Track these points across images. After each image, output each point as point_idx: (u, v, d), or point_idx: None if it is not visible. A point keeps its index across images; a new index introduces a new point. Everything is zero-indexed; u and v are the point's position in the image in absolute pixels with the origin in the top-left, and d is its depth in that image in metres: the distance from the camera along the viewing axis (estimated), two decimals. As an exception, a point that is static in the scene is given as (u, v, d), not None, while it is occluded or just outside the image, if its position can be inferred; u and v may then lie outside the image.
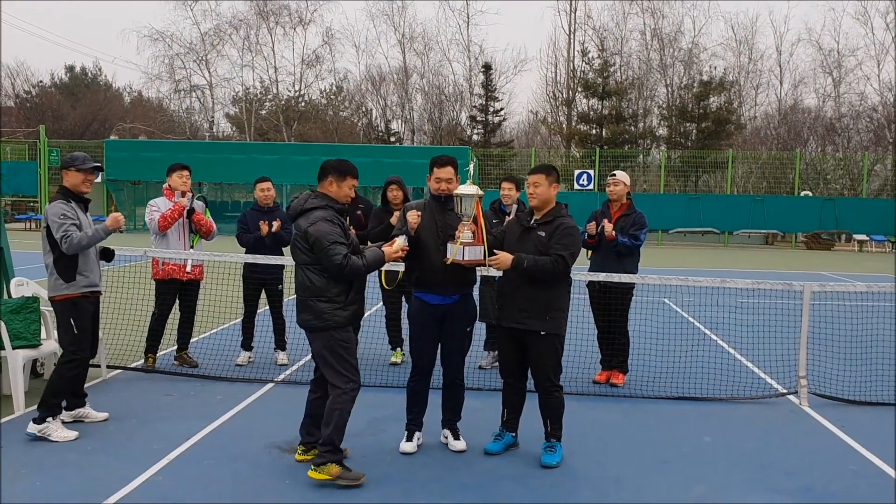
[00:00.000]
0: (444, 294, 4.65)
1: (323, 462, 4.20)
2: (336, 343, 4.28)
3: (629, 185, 6.69)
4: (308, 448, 4.56)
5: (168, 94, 51.16)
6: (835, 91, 44.67)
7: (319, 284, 4.24)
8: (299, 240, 4.26)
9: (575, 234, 4.65)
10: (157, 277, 6.80)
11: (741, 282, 6.32)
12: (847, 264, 22.15)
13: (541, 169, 4.72)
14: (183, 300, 6.94)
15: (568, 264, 4.54)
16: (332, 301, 4.25)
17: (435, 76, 47.44)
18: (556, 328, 4.59)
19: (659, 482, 4.42)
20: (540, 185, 4.65)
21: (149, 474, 4.32)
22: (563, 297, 4.66)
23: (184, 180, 6.80)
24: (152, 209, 6.74)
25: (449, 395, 4.93)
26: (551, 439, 4.71)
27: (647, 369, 7.07)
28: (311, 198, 4.33)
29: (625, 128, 40.88)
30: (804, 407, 6.07)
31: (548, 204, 4.70)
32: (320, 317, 4.24)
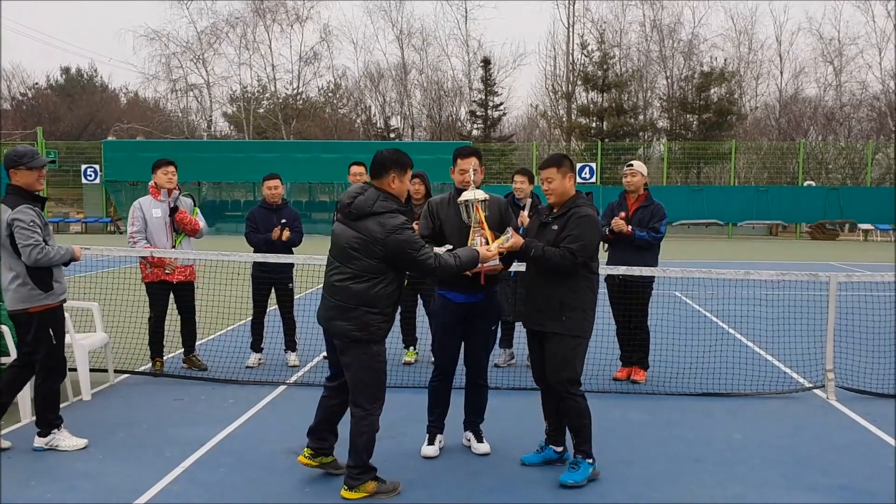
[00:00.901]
0: (468, 292, 4.46)
1: (358, 483, 3.97)
2: (374, 359, 3.96)
3: (647, 176, 6.52)
4: (317, 453, 4.24)
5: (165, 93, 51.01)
6: (836, 80, 44.47)
7: (376, 293, 3.87)
8: (366, 246, 3.85)
9: (585, 223, 4.19)
10: (147, 280, 6.62)
11: (766, 273, 6.15)
12: (853, 254, 21.98)
13: (551, 162, 4.34)
14: (179, 303, 6.75)
15: (575, 258, 4.12)
16: (381, 313, 3.92)
17: (434, 72, 47.22)
18: (572, 329, 4.19)
19: (693, 482, 4.26)
20: (553, 179, 4.31)
21: (164, 483, 4.16)
22: (581, 295, 4.22)
23: (169, 177, 6.59)
24: (135, 218, 6.52)
25: (472, 397, 4.75)
26: (577, 455, 4.24)
27: (668, 365, 6.91)
28: (379, 199, 3.90)
29: (625, 120, 40.67)
30: (832, 401, 5.91)
31: (565, 196, 4.35)
32: (366, 328, 3.89)
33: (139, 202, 6.63)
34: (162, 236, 6.57)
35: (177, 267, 6.58)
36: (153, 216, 6.55)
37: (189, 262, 6.70)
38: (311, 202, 32.92)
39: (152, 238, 6.55)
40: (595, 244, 4.26)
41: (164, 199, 6.61)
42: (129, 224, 6.58)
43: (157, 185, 6.60)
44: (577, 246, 4.13)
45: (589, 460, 4.21)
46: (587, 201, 4.38)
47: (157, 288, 6.61)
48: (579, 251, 4.13)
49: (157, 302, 6.63)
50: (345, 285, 3.92)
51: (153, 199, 6.62)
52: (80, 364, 5.80)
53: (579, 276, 4.21)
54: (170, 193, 6.61)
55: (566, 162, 4.38)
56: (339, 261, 3.98)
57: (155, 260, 6.51)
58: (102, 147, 31.47)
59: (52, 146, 33.71)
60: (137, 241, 6.53)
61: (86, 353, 5.86)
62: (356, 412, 3.99)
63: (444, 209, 4.56)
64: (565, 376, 4.20)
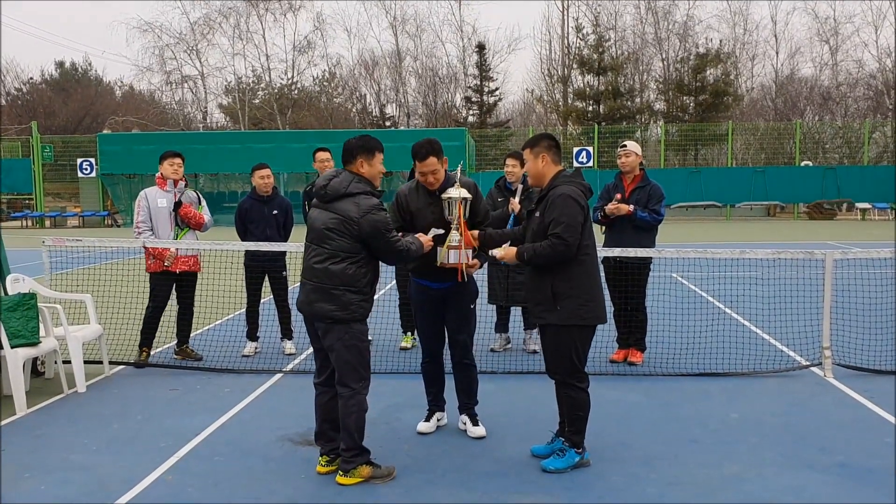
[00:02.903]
0: (439, 280, 4.49)
1: (352, 467, 3.98)
2: (356, 338, 3.97)
3: (641, 156, 6.46)
4: (333, 458, 4.14)
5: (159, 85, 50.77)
6: (832, 59, 44.30)
7: (354, 273, 3.92)
8: (342, 226, 3.89)
9: (560, 203, 3.95)
10: (150, 271, 6.60)
11: (761, 252, 6.12)
12: (851, 233, 21.97)
13: (524, 144, 4.19)
14: (180, 293, 6.74)
15: (567, 242, 3.90)
16: (360, 292, 3.96)
17: (428, 58, 47.09)
18: (568, 318, 3.99)
19: (690, 462, 4.24)
20: (526, 160, 4.20)
21: (157, 473, 4.14)
22: (575, 282, 3.99)
23: (175, 168, 6.60)
24: (141, 208, 6.54)
25: (459, 377, 4.74)
26: (566, 441, 4.15)
27: (665, 346, 6.89)
28: (354, 181, 3.96)
29: (622, 103, 40.55)
30: (829, 378, 5.90)
31: (543, 178, 4.14)
32: (347, 308, 3.91)
33: (145, 192, 6.66)
34: (166, 227, 6.58)
35: (178, 257, 6.55)
36: (158, 206, 6.59)
37: (192, 252, 6.66)
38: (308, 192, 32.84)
39: (156, 228, 6.57)
40: (578, 219, 3.95)
41: (170, 190, 6.64)
42: (136, 214, 6.64)
43: (163, 175, 6.59)
44: (561, 229, 3.91)
45: (577, 450, 4.12)
46: (568, 178, 4.09)
47: (159, 278, 6.59)
48: (564, 233, 3.91)
49: (159, 293, 6.62)
50: (324, 266, 3.95)
51: (159, 189, 6.63)
52: (74, 356, 5.77)
53: (573, 260, 3.99)
54: (175, 184, 6.61)
55: (541, 142, 4.15)
56: (316, 243, 4.01)
57: (156, 251, 6.49)
58: (98, 140, 31.34)
59: (47, 141, 33.59)
60: (142, 232, 6.54)
61: (80, 346, 5.83)
62: (343, 392, 3.99)
63: (413, 202, 4.50)
64: (562, 366, 4.08)
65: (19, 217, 32.36)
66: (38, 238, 6.89)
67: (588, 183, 4.15)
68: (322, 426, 4.18)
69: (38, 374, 6.18)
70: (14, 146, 35.74)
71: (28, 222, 31.88)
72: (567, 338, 4.02)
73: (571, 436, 4.12)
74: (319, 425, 4.20)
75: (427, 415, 4.82)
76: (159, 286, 6.61)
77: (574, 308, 3.99)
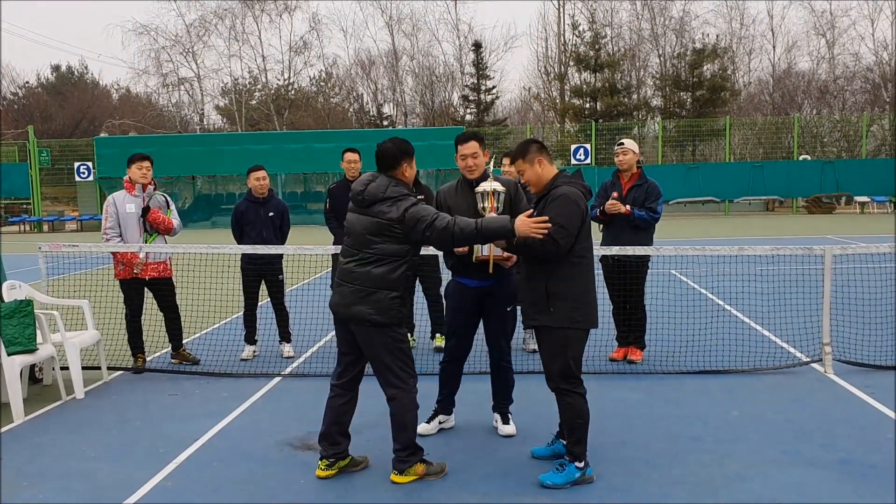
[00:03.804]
0: (480, 278, 4.52)
1: (407, 466, 4.02)
2: (397, 340, 3.99)
3: (639, 153, 6.44)
4: (333, 462, 4.12)
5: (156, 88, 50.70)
6: (829, 53, 44.28)
7: (396, 277, 3.93)
8: (386, 230, 3.90)
9: (559, 203, 3.87)
10: (119, 278, 6.49)
11: (760, 248, 6.10)
12: (850, 227, 21.95)
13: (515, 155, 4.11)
14: (159, 300, 6.65)
15: (558, 244, 3.81)
16: (401, 297, 3.95)
17: (425, 57, 47.02)
18: (560, 320, 3.88)
19: (692, 460, 4.22)
20: (523, 170, 4.07)
21: (157, 480, 4.12)
22: (569, 283, 3.90)
23: (143, 172, 6.48)
24: (109, 214, 6.41)
25: (496, 379, 4.78)
26: (566, 455, 4.00)
27: (664, 344, 6.87)
28: (391, 185, 3.97)
29: (619, 100, 40.50)
30: (829, 374, 5.88)
31: (542, 182, 4.05)
32: (387, 312, 3.91)
33: (112, 197, 6.52)
34: (135, 232, 6.44)
35: (148, 264, 6.44)
36: (126, 211, 6.44)
37: (161, 259, 6.57)
38: (306, 192, 32.81)
39: (125, 234, 6.44)
40: (575, 222, 3.87)
41: (139, 195, 6.50)
42: (103, 220, 6.47)
43: (131, 179, 6.49)
44: (554, 230, 3.81)
45: (578, 464, 3.94)
46: (568, 179, 4.03)
47: (129, 285, 6.47)
48: (557, 234, 3.81)
49: (131, 299, 6.50)
50: (365, 270, 3.94)
51: (127, 193, 6.50)
52: (71, 362, 5.75)
53: (566, 262, 3.90)
54: (144, 189, 6.51)
55: (531, 147, 4.08)
56: (357, 248, 4.01)
57: (125, 258, 6.40)
58: (95, 144, 31.29)
59: (44, 145, 33.53)
60: (111, 238, 6.42)
61: (77, 351, 5.81)
62: (393, 393, 4.00)
63: (452, 198, 4.60)
64: (556, 370, 3.94)
65: (17, 221, 32.30)
66: (34, 243, 6.86)
67: (588, 185, 4.10)
68: (330, 428, 4.14)
69: (36, 380, 6.15)
70: (11, 150, 35.66)
71: (26, 227, 31.83)
72: (561, 340, 3.92)
73: (572, 447, 3.95)
74: (327, 427, 4.14)
75: (430, 416, 4.80)
76: (130, 293, 6.49)
77: (567, 310, 3.90)
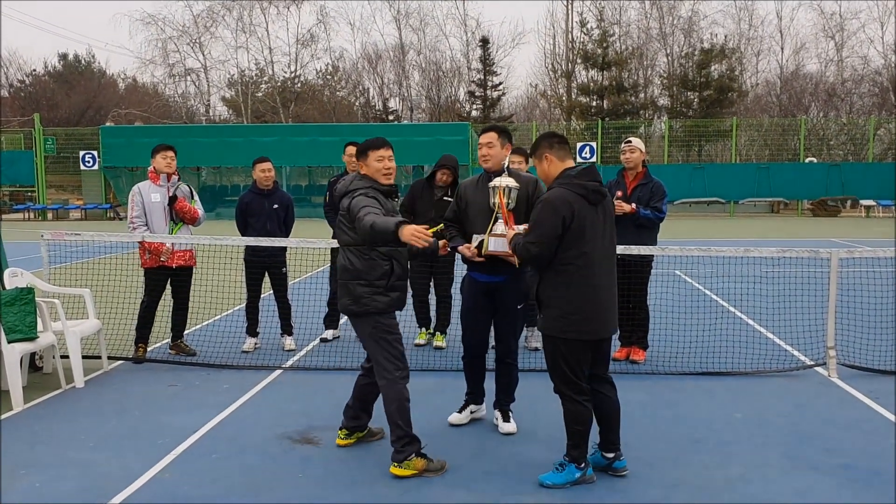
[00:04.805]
0: (491, 273, 4.56)
1: (405, 457, 4.02)
2: (380, 330, 4.09)
3: (645, 152, 6.39)
4: (351, 432, 4.43)
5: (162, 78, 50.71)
6: (837, 55, 44.08)
7: (360, 267, 4.06)
8: (343, 219, 4.12)
9: (539, 208, 3.82)
10: (146, 266, 6.54)
11: (766, 250, 6.06)
12: (855, 230, 21.87)
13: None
14: (176, 288, 6.69)
15: (530, 252, 3.78)
16: (371, 285, 4.05)
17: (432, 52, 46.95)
18: (549, 328, 3.85)
19: (693, 462, 4.19)
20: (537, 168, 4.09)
21: (155, 471, 4.10)
22: (553, 291, 3.81)
23: (168, 161, 6.53)
24: (135, 203, 6.47)
25: (500, 375, 4.77)
26: (565, 456, 3.93)
27: (667, 344, 6.83)
28: (356, 180, 4.21)
29: (626, 98, 40.42)
30: (833, 378, 5.84)
31: (549, 180, 3.98)
32: (358, 301, 4.06)
33: (138, 187, 6.58)
34: (161, 222, 6.50)
35: (174, 252, 6.50)
36: (152, 201, 6.51)
37: (188, 247, 6.62)
38: (311, 185, 32.81)
39: (151, 223, 6.49)
40: (551, 231, 3.74)
41: (164, 185, 6.56)
42: (129, 209, 6.54)
43: (155, 169, 6.54)
44: (531, 237, 3.80)
45: (578, 465, 3.89)
46: (566, 180, 3.86)
47: (154, 273, 6.54)
48: (532, 242, 3.78)
49: (154, 288, 6.56)
50: (342, 263, 4.16)
51: (152, 183, 6.56)
52: (72, 351, 5.73)
53: (550, 269, 3.83)
54: (168, 178, 6.56)
55: (541, 144, 3.99)
56: (338, 241, 4.23)
57: (152, 246, 6.44)
58: (100, 133, 31.29)
59: (49, 133, 33.55)
60: (137, 227, 6.47)
61: (78, 340, 5.79)
62: (380, 382, 4.12)
63: (471, 192, 4.66)
64: (556, 375, 3.91)
65: (21, 209, 32.35)
66: (37, 231, 6.84)
67: (595, 184, 3.87)
68: (354, 402, 4.41)
69: (37, 369, 6.14)
70: (16, 138, 35.71)
71: (30, 215, 31.87)
72: (551, 347, 3.88)
73: (571, 450, 3.90)
74: (352, 401, 4.42)
75: (461, 406, 4.90)
76: (155, 281, 6.55)
77: (553, 318, 3.82)
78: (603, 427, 4.06)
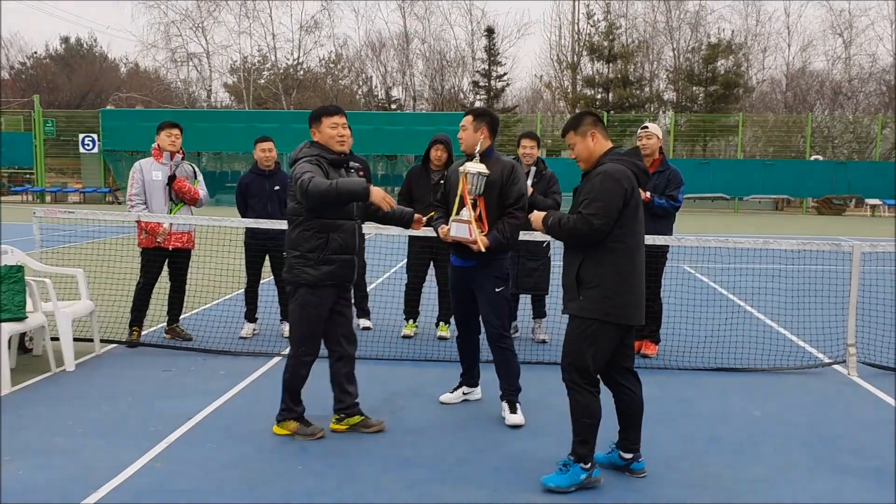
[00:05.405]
0: (463, 258, 4.55)
1: (282, 419, 4.27)
2: (298, 303, 4.14)
3: (662, 139, 6.16)
4: (342, 418, 4.39)
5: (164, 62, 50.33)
6: (845, 53, 43.73)
7: (294, 236, 4.12)
8: (288, 188, 4.17)
9: (600, 181, 3.50)
10: (143, 246, 6.32)
11: (785, 242, 5.83)
12: (861, 229, 21.63)
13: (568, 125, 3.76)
14: (173, 270, 6.47)
15: (592, 224, 3.44)
16: (303, 256, 4.08)
17: (436, 41, 46.55)
18: (588, 310, 3.51)
19: (713, 462, 3.98)
20: (574, 143, 3.72)
21: (145, 460, 3.88)
22: (600, 269, 3.51)
23: (172, 140, 6.30)
24: (135, 180, 6.24)
25: (496, 360, 4.64)
26: (570, 455, 3.63)
27: (679, 339, 6.61)
28: (304, 147, 4.24)
29: (631, 92, 40.07)
30: (853, 377, 5.62)
31: (591, 160, 3.67)
32: (290, 270, 4.13)
33: (139, 164, 6.36)
34: (160, 201, 6.29)
35: (171, 234, 6.28)
36: (152, 178, 6.29)
37: (187, 229, 6.39)
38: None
39: (150, 202, 6.27)
40: (615, 203, 3.47)
41: (166, 163, 6.34)
42: (129, 186, 6.31)
43: (159, 147, 6.30)
44: (591, 209, 3.46)
45: (584, 465, 3.59)
46: (618, 157, 3.62)
47: (151, 254, 6.32)
48: (593, 214, 3.45)
49: (150, 269, 6.35)
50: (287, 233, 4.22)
51: (154, 161, 6.33)
52: (62, 333, 5.51)
53: (601, 247, 3.51)
54: (172, 157, 6.32)
55: (586, 120, 3.70)
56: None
57: (149, 226, 6.21)
58: (100, 116, 30.98)
59: (49, 115, 33.24)
60: (136, 205, 6.25)
61: (69, 322, 5.57)
62: (289, 352, 4.27)
63: (453, 176, 4.65)
64: (568, 362, 3.60)
65: (20, 191, 32.09)
66: (31, 211, 6.60)
67: (644, 165, 3.67)
68: (332, 385, 4.43)
69: (26, 350, 5.92)
70: (16, 120, 35.35)
71: (29, 197, 31.61)
72: (585, 332, 3.54)
73: (577, 447, 3.60)
74: (331, 383, 4.45)
75: (454, 387, 4.93)
76: (151, 262, 6.34)
77: (596, 299, 3.50)
78: (624, 425, 3.82)
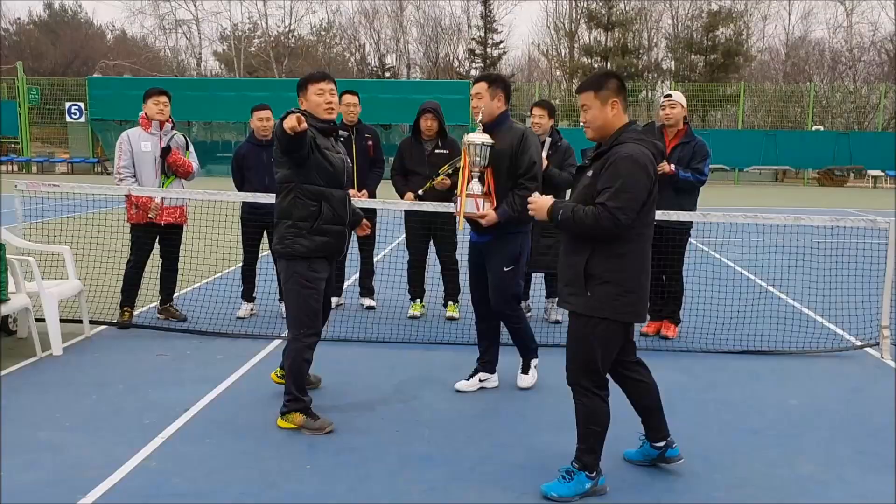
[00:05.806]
0: (479, 233, 4.47)
1: (287, 411, 3.97)
2: (293, 278, 3.92)
3: (686, 108, 5.78)
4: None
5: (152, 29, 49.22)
6: (847, 21, 43.11)
7: (285, 205, 3.93)
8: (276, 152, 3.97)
9: (623, 167, 3.03)
10: (132, 221, 5.95)
11: (817, 218, 5.50)
12: (865, 200, 21.38)
13: (586, 84, 3.27)
14: (164, 247, 6.12)
15: (617, 219, 3.01)
16: (295, 226, 3.89)
17: (431, 7, 45.81)
18: (599, 309, 3.14)
19: (756, 458, 3.67)
20: (589, 107, 3.21)
21: (139, 458, 3.55)
22: (615, 263, 3.12)
23: (161, 108, 5.90)
24: (122, 151, 5.84)
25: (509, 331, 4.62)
26: (574, 462, 3.30)
27: (699, 320, 6.30)
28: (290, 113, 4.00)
29: (630, 61, 39.44)
30: (888, 361, 5.34)
31: (607, 130, 3.20)
32: (282, 241, 3.94)
33: (126, 134, 5.96)
34: (151, 173, 5.89)
35: (164, 208, 5.91)
36: (141, 150, 5.89)
37: (179, 203, 6.00)
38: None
39: (139, 174, 5.88)
40: (641, 196, 3.06)
41: (155, 132, 5.94)
42: (116, 158, 5.90)
43: (147, 115, 5.89)
44: (619, 201, 3.01)
45: (590, 474, 3.26)
46: (638, 135, 3.16)
47: (141, 230, 5.96)
48: (619, 208, 3.00)
49: (141, 246, 5.98)
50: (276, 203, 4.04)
51: (143, 130, 5.93)
52: (48, 315, 5.15)
53: (618, 237, 3.11)
54: (161, 126, 5.92)
55: (610, 84, 3.17)
56: None
57: (140, 201, 5.82)
58: (87, 84, 30.24)
59: (33, 83, 32.42)
60: (124, 178, 5.85)
61: (55, 303, 5.20)
62: (288, 335, 4.06)
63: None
64: (579, 364, 3.26)
65: (5, 161, 31.40)
66: (11, 183, 6.19)
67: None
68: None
69: (10, 333, 5.57)
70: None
71: (14, 167, 30.96)
72: (592, 331, 3.18)
73: (582, 455, 3.28)
74: None
75: (470, 374, 4.66)
76: (142, 239, 5.98)
77: (608, 296, 3.13)
78: (646, 416, 3.51)
